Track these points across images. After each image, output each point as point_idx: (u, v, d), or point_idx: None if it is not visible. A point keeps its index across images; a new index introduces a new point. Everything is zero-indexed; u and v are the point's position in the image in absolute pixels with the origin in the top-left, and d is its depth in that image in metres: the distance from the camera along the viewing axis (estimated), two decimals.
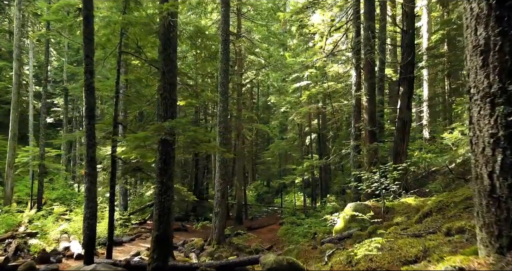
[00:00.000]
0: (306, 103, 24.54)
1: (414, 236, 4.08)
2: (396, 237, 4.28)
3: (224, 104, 14.35)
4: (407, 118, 12.30)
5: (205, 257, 12.52)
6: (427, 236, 3.92)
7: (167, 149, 6.84)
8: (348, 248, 5.69)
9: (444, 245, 3.11)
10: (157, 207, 6.75)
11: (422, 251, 3.11)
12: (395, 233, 4.73)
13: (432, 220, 5.09)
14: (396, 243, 3.65)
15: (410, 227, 5.04)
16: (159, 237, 6.62)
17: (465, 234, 3.26)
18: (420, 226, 4.87)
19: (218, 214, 14.13)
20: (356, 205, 8.58)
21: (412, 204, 8.08)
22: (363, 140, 12.80)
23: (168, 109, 6.96)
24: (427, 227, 4.58)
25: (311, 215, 19.49)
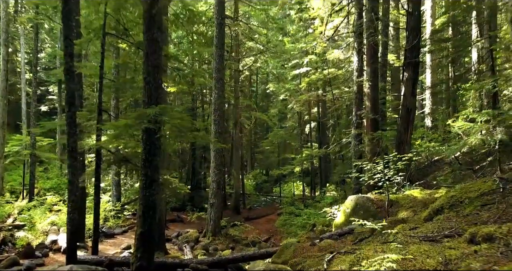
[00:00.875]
0: (306, 91, 23.84)
1: (427, 240, 3.51)
2: (406, 240, 3.72)
3: (219, 91, 13.70)
4: (412, 106, 11.68)
5: (199, 250, 12.05)
6: (444, 241, 3.36)
7: (151, 139, 6.24)
8: (349, 248, 5.14)
9: (470, 257, 2.55)
10: (141, 202, 6.18)
11: (442, 264, 2.55)
12: (404, 234, 4.16)
13: (444, 218, 4.52)
14: (409, 250, 3.09)
15: (420, 226, 4.47)
16: (144, 234, 6.08)
17: (496, 243, 2.70)
18: (431, 225, 4.30)
19: (213, 205, 13.62)
20: (358, 197, 8.03)
21: (418, 197, 7.53)
22: (365, 129, 12.19)
23: (152, 95, 6.33)
24: (441, 228, 4.01)
25: (310, 205, 19.04)
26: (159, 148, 6.39)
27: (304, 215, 16.68)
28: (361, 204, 7.80)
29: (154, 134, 6.28)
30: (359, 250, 4.05)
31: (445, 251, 2.81)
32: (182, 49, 24.26)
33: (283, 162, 29.58)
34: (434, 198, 7.10)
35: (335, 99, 19.39)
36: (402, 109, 11.85)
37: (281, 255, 6.86)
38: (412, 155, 7.81)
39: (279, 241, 14.92)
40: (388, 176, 7.71)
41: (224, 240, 13.62)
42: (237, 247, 13.44)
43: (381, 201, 7.77)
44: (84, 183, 9.98)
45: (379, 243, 4.73)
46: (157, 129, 6.10)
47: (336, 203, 16.31)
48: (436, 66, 23.74)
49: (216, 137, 13.64)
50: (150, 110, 5.82)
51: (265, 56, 25.42)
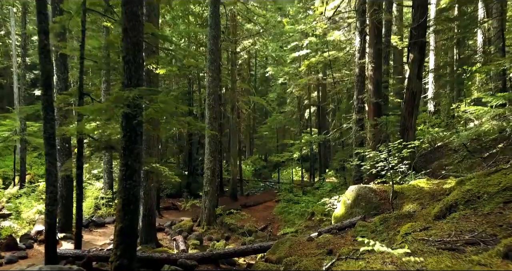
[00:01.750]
0: (306, 74, 23.07)
1: (446, 248, 2.92)
2: (419, 247, 3.13)
3: (213, 74, 12.99)
4: (417, 89, 10.98)
5: (193, 240, 11.56)
6: (468, 250, 2.78)
7: (131, 125, 5.62)
8: (351, 248, 4.58)
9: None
10: (121, 195, 5.60)
11: None
12: (415, 237, 3.58)
13: (460, 217, 3.93)
14: (426, 264, 2.52)
15: (432, 226, 3.88)
16: (124, 230, 5.52)
17: None
18: (446, 225, 3.71)
19: (208, 193, 13.10)
20: (359, 188, 7.45)
21: (424, 188, 6.95)
22: (367, 114, 11.55)
23: (133, 76, 5.67)
24: (459, 230, 3.42)
25: (309, 192, 18.55)
26: (140, 135, 5.76)
27: (303, 202, 16.19)
28: (362, 195, 7.24)
29: (135, 120, 5.65)
30: (363, 259, 3.46)
31: (473, 268, 2.23)
32: (178, 31, 23.38)
33: (282, 147, 29.05)
34: (443, 190, 6.52)
35: (335, 82, 18.66)
36: (406, 93, 11.16)
37: (275, 251, 6.33)
38: (418, 142, 7.20)
39: (276, 230, 14.47)
40: (391, 164, 7.11)
41: (219, 229, 13.16)
42: (232, 236, 12.98)
43: (385, 192, 7.19)
44: (69, 172, 9.38)
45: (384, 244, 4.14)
46: (137, 114, 5.45)
47: (335, 190, 15.83)
48: (440, 48, 22.94)
49: (211, 122, 13.01)
50: (128, 93, 5.16)
51: (264, 39, 24.56)
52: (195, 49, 23.23)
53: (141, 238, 10.21)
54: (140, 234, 10.29)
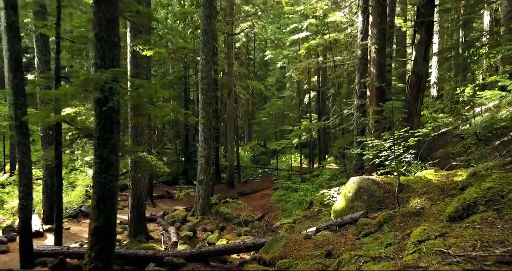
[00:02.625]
0: (305, 58, 22.24)
1: (474, 269, 2.33)
2: (435, 261, 2.54)
3: (207, 56, 12.26)
4: (423, 72, 10.31)
5: (186, 231, 11.05)
6: None
7: (106, 112, 4.99)
8: (352, 252, 4.00)
9: None
10: (96, 190, 5.02)
11: None
12: (431, 247, 2.98)
13: (483, 221, 3.33)
14: None
15: (449, 232, 3.29)
16: (99, 229, 4.95)
17: None
18: (467, 232, 3.11)
19: (202, 182, 12.54)
20: (361, 180, 6.86)
21: (432, 180, 6.36)
22: (369, 99, 10.88)
23: (107, 56, 5.00)
24: (484, 240, 2.82)
25: (308, 180, 18.03)
26: (117, 123, 5.12)
27: (301, 190, 15.67)
28: (365, 187, 6.65)
29: (108, 106, 5.01)
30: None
31: None
32: (173, 12, 22.47)
33: (281, 133, 28.43)
34: (453, 183, 5.93)
35: (336, 66, 17.90)
36: (411, 76, 10.49)
37: (269, 250, 5.78)
38: (427, 130, 6.57)
39: (273, 219, 13.98)
40: (396, 153, 6.50)
41: (214, 219, 12.66)
42: (228, 226, 12.49)
43: (389, 184, 6.61)
44: (51, 161, 8.78)
45: (392, 251, 3.57)
46: (112, 100, 4.80)
47: (335, 178, 15.29)
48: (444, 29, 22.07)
49: (204, 108, 12.35)
50: (99, 75, 4.50)
51: (262, 21, 23.63)
52: (191, 32, 22.34)
53: (130, 231, 9.71)
54: (129, 226, 9.79)
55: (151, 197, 14.80)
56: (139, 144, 9.44)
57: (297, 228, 11.38)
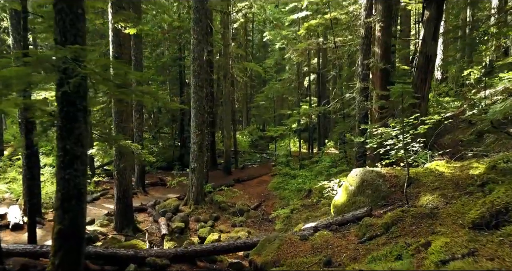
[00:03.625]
0: (305, 39, 21.27)
1: None
2: None
3: (198, 36, 11.40)
4: (432, 53, 9.50)
5: (177, 222, 10.46)
6: None
7: (69, 97, 4.27)
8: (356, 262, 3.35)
9: None
10: (59, 188, 4.35)
11: None
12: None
13: None
14: None
15: (480, 249, 2.62)
16: (64, 233, 4.31)
17: None
18: (503, 251, 2.44)
19: (195, 170, 11.89)
20: (365, 172, 6.18)
21: (445, 173, 5.68)
22: (373, 81, 10.12)
23: (68, 31, 4.24)
24: None
25: (307, 166, 17.41)
26: (83, 110, 4.40)
27: (299, 178, 15.07)
28: (369, 181, 5.98)
29: (74, 92, 4.28)
30: None
31: None
32: None
33: (280, 118, 27.69)
34: (469, 176, 5.26)
35: (337, 47, 17.00)
36: (419, 57, 9.68)
37: (261, 252, 5.15)
38: (440, 117, 5.85)
39: (270, 208, 13.43)
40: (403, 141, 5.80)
41: (207, 208, 12.07)
42: (222, 216, 11.92)
43: (396, 178, 5.93)
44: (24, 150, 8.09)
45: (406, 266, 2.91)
46: (69, 84, 4.06)
47: (335, 165, 14.65)
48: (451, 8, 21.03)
49: (196, 91, 11.58)
50: (53, 54, 3.75)
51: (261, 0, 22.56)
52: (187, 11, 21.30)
53: (116, 223, 9.12)
54: (115, 219, 9.20)
55: (143, 185, 14.19)
56: (124, 131, 8.73)
57: (294, 219, 10.82)
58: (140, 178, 14.07)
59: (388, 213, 5.24)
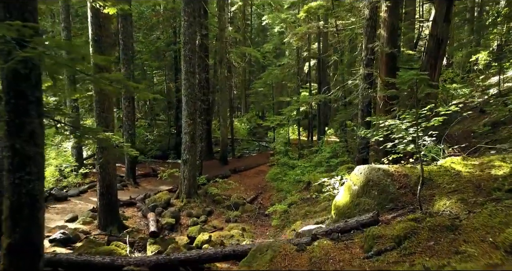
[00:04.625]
0: (305, 22, 20.31)
1: None
2: None
3: (190, 18, 10.55)
4: (444, 35, 8.68)
5: (167, 218, 9.86)
6: None
7: (18, 87, 3.53)
8: None
9: None
10: (9, 195, 3.67)
11: None
12: None
13: None
14: None
15: None
16: (15, 248, 3.62)
17: None
18: None
19: (187, 161, 11.21)
20: (370, 170, 5.47)
21: (462, 173, 4.97)
22: (378, 67, 9.33)
23: (12, 5, 3.48)
24: None
25: (306, 156, 16.72)
26: (36, 102, 3.66)
27: (298, 168, 14.39)
28: (375, 180, 5.28)
29: (24, 79, 3.54)
30: None
31: None
32: None
33: (279, 105, 26.90)
34: (491, 177, 4.56)
35: (338, 30, 16.08)
36: (429, 40, 8.88)
37: (252, 263, 4.49)
38: (457, 108, 5.11)
39: (267, 201, 12.80)
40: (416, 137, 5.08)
41: (201, 202, 11.44)
42: (216, 210, 11.30)
43: (405, 177, 5.22)
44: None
45: None
46: (29, 70, 3.32)
47: (335, 156, 13.96)
48: None
49: (187, 78, 10.80)
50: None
51: None
52: None
53: (100, 221, 8.48)
54: (99, 215, 8.55)
55: (134, 176, 13.53)
56: (106, 121, 8.00)
57: (292, 214, 10.17)
58: (131, 169, 13.40)
59: (397, 219, 4.56)
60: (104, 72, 7.68)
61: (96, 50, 7.72)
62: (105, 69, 7.85)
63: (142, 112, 29.28)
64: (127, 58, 12.72)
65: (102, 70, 7.82)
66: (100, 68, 7.85)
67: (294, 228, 8.44)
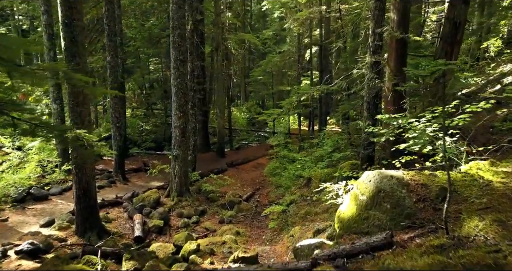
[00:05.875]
0: (306, 7, 19.22)
1: None
2: None
3: (179, 0, 9.56)
4: (461, 19, 7.72)
5: (155, 219, 9.09)
6: None
7: None
8: None
9: None
10: None
11: None
12: None
13: None
14: None
15: None
16: None
17: None
18: None
19: (178, 157, 10.38)
20: (381, 178, 4.61)
21: (493, 183, 4.12)
22: (387, 55, 8.38)
23: None
24: None
25: (307, 148, 15.87)
26: None
27: (299, 163, 13.55)
28: (387, 190, 4.43)
29: None
30: None
31: None
32: None
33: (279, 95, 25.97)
34: None
35: (342, 15, 15.03)
36: (445, 24, 7.91)
37: None
38: (487, 103, 4.22)
39: (265, 198, 12.01)
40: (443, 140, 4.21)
41: (193, 200, 10.64)
42: (210, 209, 10.51)
43: (424, 187, 4.37)
44: None
45: None
46: None
47: (338, 150, 13.10)
48: None
49: (177, 66, 9.87)
50: None
51: None
52: None
53: (78, 226, 7.68)
54: (76, 221, 7.75)
55: (123, 172, 12.69)
56: (82, 116, 7.13)
57: (291, 215, 9.34)
58: (119, 164, 12.57)
59: (416, 241, 3.73)
60: (76, 60, 6.79)
61: (67, 36, 6.79)
62: (78, 56, 6.96)
63: (138, 102, 28.33)
64: (113, 45, 11.75)
65: (75, 58, 6.93)
66: (73, 56, 6.95)
67: (292, 234, 7.64)
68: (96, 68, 14.89)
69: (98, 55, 14.43)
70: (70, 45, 6.89)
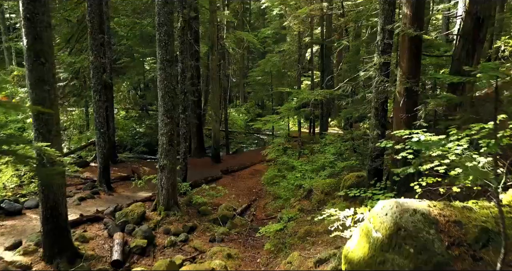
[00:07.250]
0: (307, 3, 18.23)
1: None
2: None
3: None
4: (485, 13, 6.75)
5: (139, 238, 8.15)
6: None
7: None
8: None
9: None
10: None
11: None
12: None
13: None
14: None
15: None
16: None
17: None
18: None
19: (164, 168, 9.43)
20: (402, 211, 3.64)
21: None
22: (399, 55, 7.41)
23: None
24: None
25: (307, 155, 14.88)
26: None
27: (298, 171, 12.56)
28: (409, 229, 3.46)
29: None
30: None
31: None
32: None
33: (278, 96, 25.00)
34: None
35: (345, 11, 14.06)
36: (466, 20, 6.96)
37: None
38: None
39: (261, 212, 11.06)
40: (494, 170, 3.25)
41: (182, 215, 9.68)
42: (200, 225, 9.52)
43: (457, 226, 3.40)
44: None
45: None
46: None
47: (340, 158, 12.13)
48: None
49: (163, 67, 8.91)
50: None
51: None
52: None
53: (45, 251, 6.72)
54: (43, 244, 6.79)
55: (108, 181, 11.71)
56: (48, 125, 6.19)
57: (289, 233, 8.37)
58: (104, 172, 11.59)
59: None
60: (41, 60, 5.85)
61: (29, 32, 5.84)
62: (43, 56, 6.01)
63: (132, 103, 27.38)
64: (96, 43, 10.79)
65: (39, 57, 5.98)
66: (37, 55, 6.00)
67: (290, 261, 6.68)
68: (83, 69, 13.91)
69: (84, 55, 13.47)
70: (33, 43, 5.94)
